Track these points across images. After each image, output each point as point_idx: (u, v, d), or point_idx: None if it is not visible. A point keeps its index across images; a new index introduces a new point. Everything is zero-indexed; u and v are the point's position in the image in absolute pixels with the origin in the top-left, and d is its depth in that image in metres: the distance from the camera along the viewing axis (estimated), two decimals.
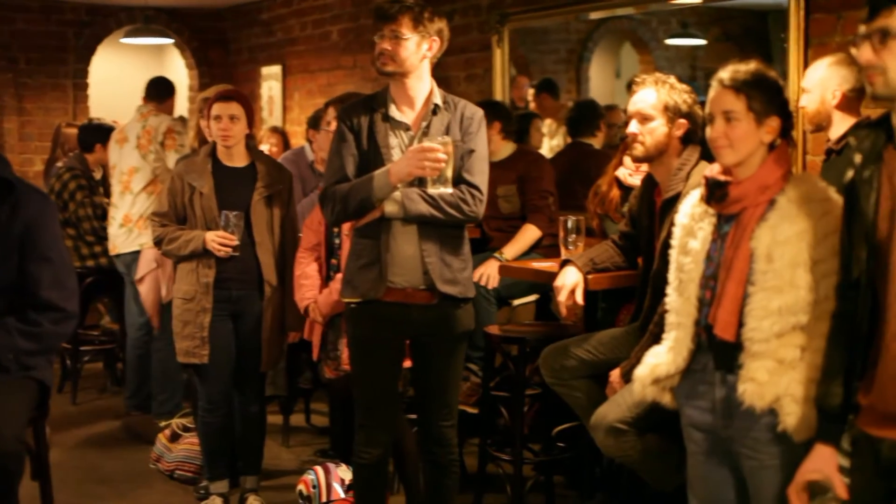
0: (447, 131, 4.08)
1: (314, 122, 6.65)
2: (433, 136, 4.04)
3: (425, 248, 4.08)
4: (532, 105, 8.66)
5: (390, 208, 4.05)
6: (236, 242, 5.02)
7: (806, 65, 4.90)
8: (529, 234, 5.89)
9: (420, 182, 4.03)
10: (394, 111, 4.15)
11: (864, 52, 2.66)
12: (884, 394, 2.72)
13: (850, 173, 2.81)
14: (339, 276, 4.58)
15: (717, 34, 10.30)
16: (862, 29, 2.69)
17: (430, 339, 4.22)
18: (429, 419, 4.33)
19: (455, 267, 4.14)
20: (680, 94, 4.16)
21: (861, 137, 2.81)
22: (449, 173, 3.98)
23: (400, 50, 4.05)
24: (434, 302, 4.13)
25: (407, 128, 4.14)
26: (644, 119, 4.15)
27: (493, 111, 6.09)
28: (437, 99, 4.16)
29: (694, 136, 4.15)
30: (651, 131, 4.14)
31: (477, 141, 4.13)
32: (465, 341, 4.33)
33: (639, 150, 4.18)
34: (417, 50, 4.08)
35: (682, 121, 4.13)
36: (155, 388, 6.84)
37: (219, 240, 5.02)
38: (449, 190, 4.00)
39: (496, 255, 5.81)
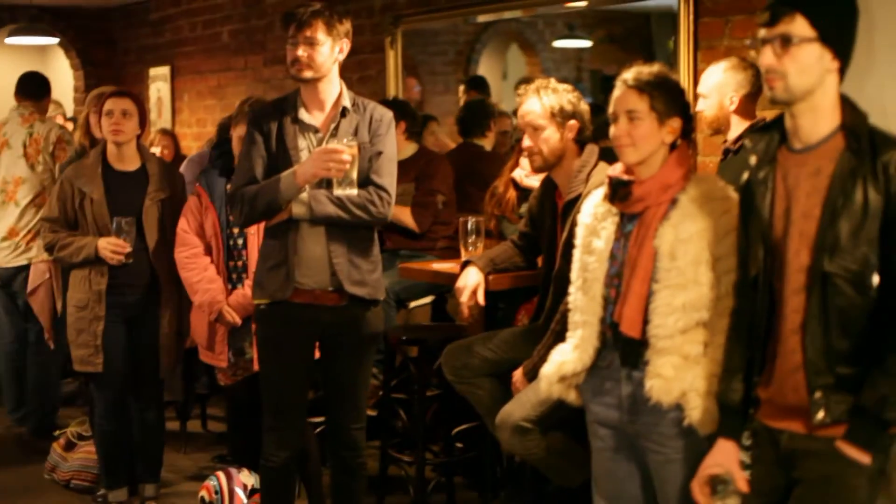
0: (355, 133, 4.08)
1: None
2: (341, 137, 4.03)
3: (333, 250, 4.08)
4: (461, 100, 8.67)
5: (297, 209, 4.04)
6: (129, 249, 4.95)
7: (696, 67, 5.00)
8: (405, 214, 5.93)
9: (327, 184, 4.02)
10: (303, 114, 4.13)
11: (765, 57, 2.72)
12: (782, 388, 2.80)
13: (745, 174, 2.89)
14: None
15: (601, 36, 10.48)
16: (762, 33, 2.75)
17: (339, 341, 4.21)
18: (338, 422, 4.31)
19: (364, 268, 4.13)
20: (563, 95, 4.19)
21: (756, 139, 2.90)
22: (354, 175, 3.98)
23: (316, 55, 4.04)
24: (343, 303, 4.12)
25: (316, 130, 4.12)
26: (535, 130, 4.17)
27: (400, 111, 6.10)
28: (346, 101, 4.15)
29: (584, 133, 4.21)
30: (545, 140, 4.17)
31: (385, 143, 4.14)
32: (374, 344, 4.33)
33: (538, 161, 4.22)
34: (331, 54, 4.08)
35: (572, 122, 4.17)
36: (31, 400, 6.70)
37: (111, 247, 4.94)
38: (354, 192, 3.99)
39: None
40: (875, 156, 2.67)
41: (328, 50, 4.06)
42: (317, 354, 4.36)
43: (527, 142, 4.20)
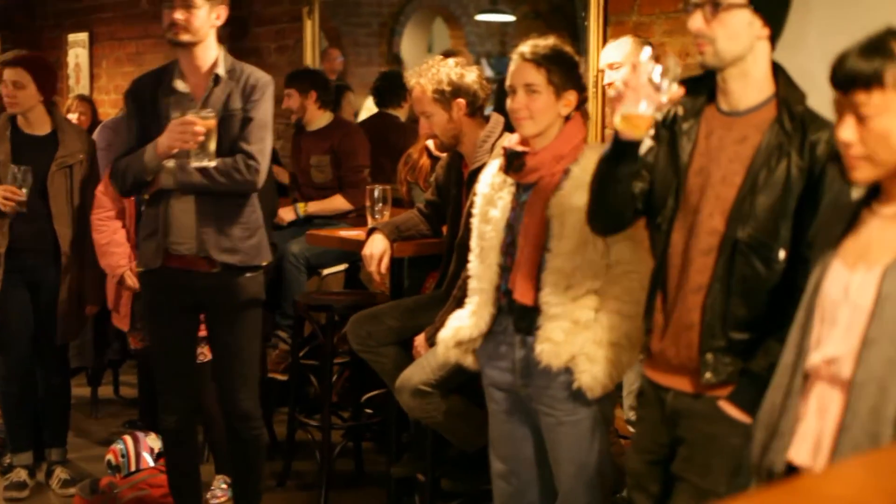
0: (228, 100, 4.04)
1: None
2: (213, 105, 4.00)
3: (201, 218, 4.05)
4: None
5: (165, 180, 4.04)
6: (23, 198, 4.87)
7: (605, 42, 5.05)
8: (336, 203, 5.99)
9: (186, 155, 3.96)
10: (178, 83, 4.09)
11: (695, 21, 2.71)
12: (676, 342, 2.84)
13: (670, 114, 2.87)
14: None
15: (525, 11, 10.50)
16: None
17: (216, 307, 4.21)
18: (226, 390, 4.30)
19: (236, 236, 4.10)
20: (444, 75, 4.23)
21: (688, 87, 2.83)
22: (212, 147, 3.91)
23: (193, 19, 3.98)
24: (215, 270, 4.11)
25: (191, 99, 4.06)
26: (427, 116, 4.24)
27: (310, 80, 6.14)
28: (220, 69, 4.08)
29: (476, 103, 4.24)
30: (437, 124, 4.23)
31: (258, 108, 4.06)
32: (253, 311, 4.26)
33: (438, 143, 4.32)
34: (208, 18, 4.02)
35: (459, 101, 4.21)
36: None
37: (5, 193, 4.88)
38: (212, 164, 3.93)
39: (297, 205, 5.91)
40: (804, 134, 2.69)
41: (205, 14, 4.01)
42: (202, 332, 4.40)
43: (423, 127, 4.29)
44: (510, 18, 10.45)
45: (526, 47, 3.37)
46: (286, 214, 6.01)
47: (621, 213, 2.92)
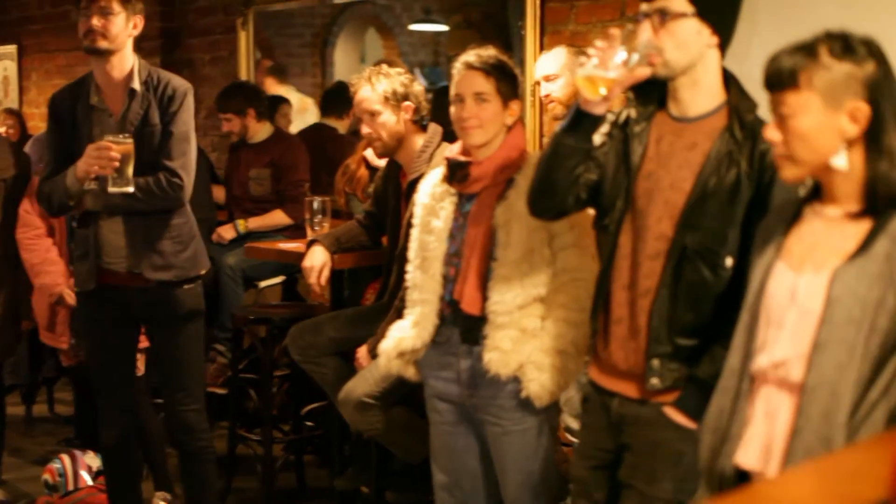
0: (146, 115, 3.97)
1: None
2: (132, 120, 3.95)
3: (131, 238, 4.01)
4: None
5: (90, 202, 3.99)
6: None
7: (542, 51, 5.07)
8: (277, 218, 5.94)
9: (106, 180, 3.87)
10: (95, 98, 4.02)
11: (645, 32, 2.71)
12: (623, 347, 2.82)
13: (623, 115, 2.88)
14: None
15: (458, 21, 10.52)
16: (643, 7, 2.75)
17: (154, 322, 4.17)
18: (170, 404, 4.25)
19: (168, 251, 4.05)
20: (395, 79, 4.24)
21: (637, 94, 2.87)
22: (130, 172, 3.84)
23: (111, 26, 3.91)
24: (151, 285, 4.06)
25: (110, 114, 4.00)
26: (372, 115, 4.21)
27: (244, 98, 6.07)
28: (136, 81, 4.00)
29: (421, 112, 4.26)
30: (383, 125, 4.21)
31: (177, 120, 3.99)
32: (194, 322, 4.21)
33: (379, 147, 4.27)
34: (126, 27, 3.96)
35: (407, 104, 4.22)
36: None
37: None
38: (130, 189, 3.85)
39: (237, 222, 5.85)
40: (754, 143, 2.69)
41: (122, 22, 3.94)
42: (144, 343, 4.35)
43: (365, 129, 4.24)
44: (443, 28, 10.46)
45: (471, 56, 3.37)
46: (226, 233, 5.95)
47: (565, 193, 2.87)
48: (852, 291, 2.17)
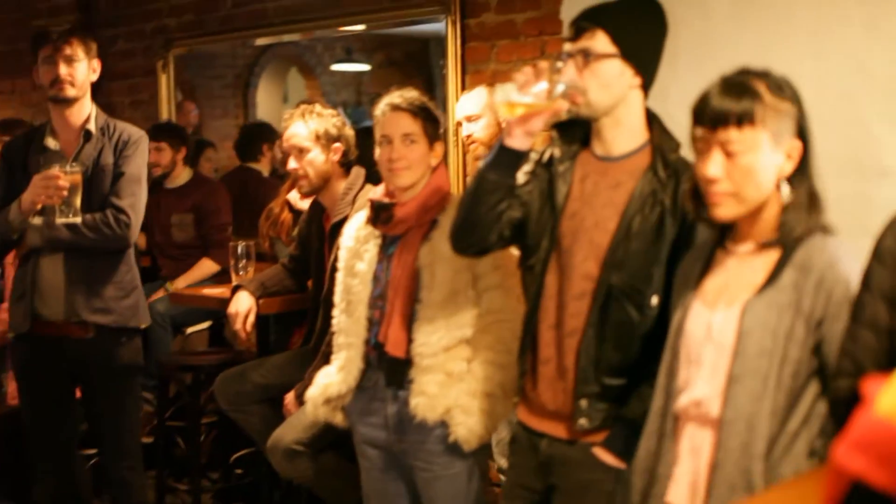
0: (99, 156, 3.97)
1: None
2: (83, 161, 3.94)
3: (72, 278, 3.97)
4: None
5: (32, 237, 3.95)
6: None
7: (464, 90, 5.09)
8: (205, 268, 5.86)
9: (52, 212, 3.87)
10: (49, 140, 4.03)
11: (569, 72, 2.71)
12: (551, 387, 2.82)
13: (547, 155, 2.88)
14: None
15: (381, 60, 10.55)
16: (567, 47, 2.76)
17: (90, 376, 4.10)
18: (104, 460, 4.19)
19: (108, 295, 4.01)
20: (328, 119, 4.23)
21: (561, 132, 2.88)
22: (77, 202, 3.84)
23: (76, 73, 3.95)
24: (89, 335, 4.01)
25: (62, 156, 4.00)
26: (301, 152, 4.19)
27: (180, 136, 6.03)
28: (92, 124, 4.03)
29: (349, 156, 4.25)
30: (310, 163, 4.19)
31: (129, 163, 4.00)
32: (132, 376, 4.18)
33: (305, 185, 4.24)
34: (87, 73, 4.00)
35: (337, 145, 4.21)
36: None
37: None
38: (77, 220, 3.85)
39: (166, 285, 5.76)
40: (677, 182, 2.69)
41: (85, 68, 3.98)
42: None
43: (293, 164, 4.21)
44: (365, 68, 10.48)
45: (397, 98, 3.37)
46: (156, 297, 5.79)
47: (488, 229, 2.85)
48: (762, 323, 2.20)
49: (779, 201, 2.27)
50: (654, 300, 2.71)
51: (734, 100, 2.23)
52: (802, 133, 2.27)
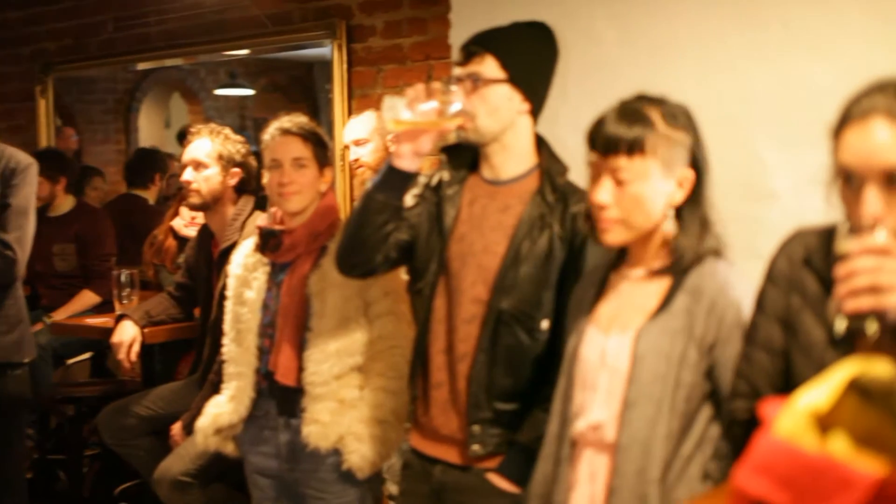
0: None
1: None
2: None
3: None
4: None
5: None
6: None
7: (350, 115, 5.08)
8: (86, 299, 5.74)
9: None
10: None
11: (457, 96, 2.69)
12: (444, 412, 2.80)
13: (433, 180, 2.87)
14: None
15: (265, 84, 10.49)
16: (457, 72, 2.75)
17: None
18: None
19: None
20: (234, 144, 4.20)
21: (450, 156, 2.88)
22: None
23: None
24: None
25: None
26: (199, 166, 4.14)
27: (59, 165, 5.89)
28: None
29: (247, 185, 4.20)
30: (206, 179, 4.13)
31: (17, 194, 3.93)
32: (18, 410, 4.07)
33: (195, 198, 4.16)
34: None
35: (237, 170, 4.17)
36: None
37: None
38: None
39: (45, 318, 5.61)
40: (565, 206, 2.72)
41: None
42: None
43: (188, 175, 4.14)
44: (249, 92, 10.42)
45: (287, 122, 3.34)
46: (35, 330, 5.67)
47: (374, 250, 2.82)
48: (656, 348, 2.21)
49: (671, 228, 2.29)
50: (545, 324, 2.71)
51: (626, 127, 2.24)
52: (696, 161, 2.29)
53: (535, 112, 2.79)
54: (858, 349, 1.79)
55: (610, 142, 2.24)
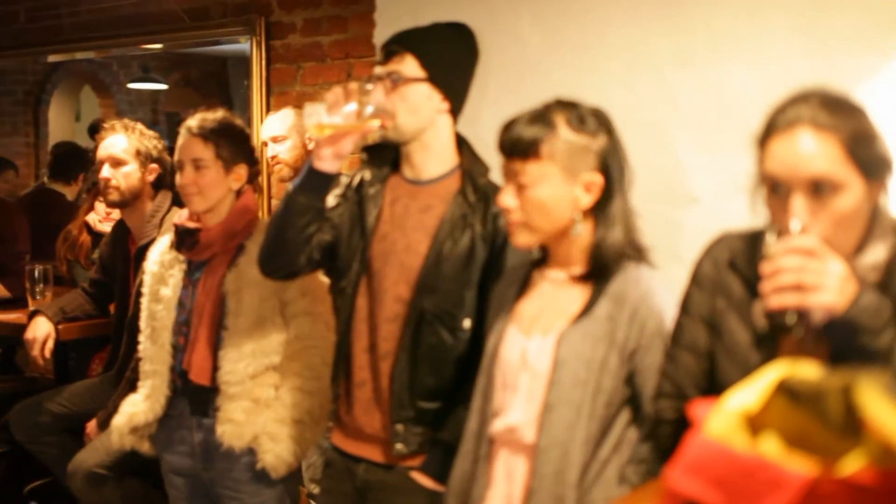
0: None
1: None
2: None
3: None
4: None
5: None
6: None
7: (268, 112, 5.05)
8: None
9: None
10: None
11: (377, 94, 2.70)
12: (367, 411, 2.80)
13: (357, 180, 2.88)
14: None
15: (178, 79, 10.39)
16: (377, 70, 2.76)
17: None
18: None
19: None
20: (150, 139, 4.16)
21: (371, 155, 2.89)
22: None
23: None
24: None
25: None
26: (117, 163, 4.09)
27: None
28: None
29: (164, 181, 4.16)
30: (125, 176, 4.08)
31: None
32: None
33: (114, 195, 4.11)
34: None
35: (154, 165, 4.13)
36: None
37: None
38: None
39: None
40: (487, 206, 2.73)
41: None
42: None
43: (106, 172, 4.08)
44: (162, 86, 10.30)
45: (194, 121, 3.30)
46: None
47: (297, 252, 2.81)
48: (578, 353, 2.23)
49: (582, 232, 2.31)
50: (467, 323, 2.72)
51: (525, 131, 2.27)
52: (608, 166, 2.30)
53: (455, 111, 2.81)
54: (782, 350, 1.83)
55: (509, 145, 2.28)
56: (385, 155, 2.86)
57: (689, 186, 3.81)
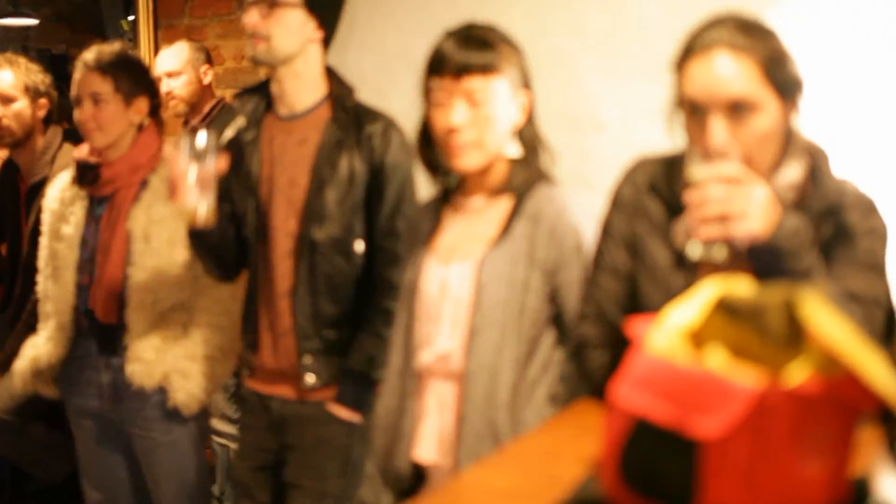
0: None
1: None
2: None
3: None
4: None
5: None
6: None
7: (156, 46, 4.96)
8: None
9: None
10: None
11: (250, 17, 2.74)
12: (272, 352, 2.85)
13: (231, 132, 2.90)
14: None
15: (49, 14, 10.10)
16: None
17: None
18: None
19: None
20: (36, 73, 4.02)
21: (244, 101, 2.92)
22: None
23: None
24: None
25: None
26: (7, 101, 3.95)
27: None
28: None
29: (52, 116, 4.06)
30: (17, 114, 3.95)
31: None
32: None
33: (7, 136, 3.97)
34: None
35: (43, 100, 4.00)
36: None
37: None
38: None
39: None
40: (360, 127, 2.77)
41: None
42: None
43: None
44: (33, 22, 10.01)
45: (91, 54, 3.22)
46: None
47: (234, 257, 2.95)
48: (498, 275, 2.25)
49: (513, 152, 2.33)
50: (359, 246, 2.79)
51: (477, 51, 2.27)
52: (529, 84, 2.34)
53: (326, 41, 2.86)
54: (702, 271, 1.88)
55: (463, 65, 2.26)
56: (257, 99, 2.90)
57: (596, 113, 3.83)
